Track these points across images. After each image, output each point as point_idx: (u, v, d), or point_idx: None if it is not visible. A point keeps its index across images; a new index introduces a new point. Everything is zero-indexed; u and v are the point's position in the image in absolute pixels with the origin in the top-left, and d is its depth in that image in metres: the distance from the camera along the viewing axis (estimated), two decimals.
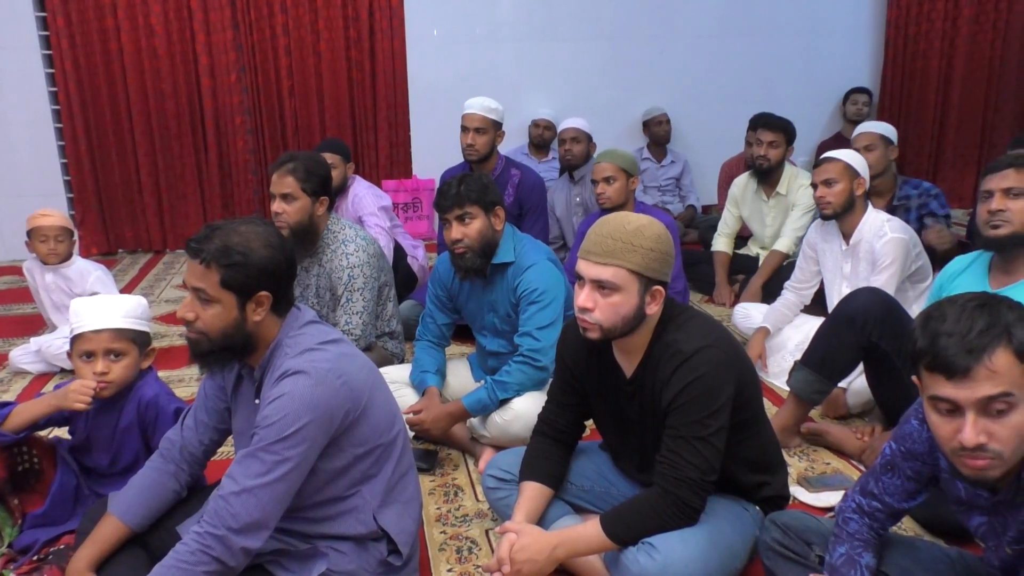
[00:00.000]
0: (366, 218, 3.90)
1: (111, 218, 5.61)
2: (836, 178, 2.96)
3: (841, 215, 2.99)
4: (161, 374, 3.40)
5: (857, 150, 3.43)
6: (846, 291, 2.94)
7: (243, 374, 1.76)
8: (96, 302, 2.08)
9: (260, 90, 5.56)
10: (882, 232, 2.89)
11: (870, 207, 3.02)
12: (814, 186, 3.05)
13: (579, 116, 4.64)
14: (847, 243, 3.03)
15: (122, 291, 4.26)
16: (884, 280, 2.81)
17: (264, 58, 5.51)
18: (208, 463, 1.91)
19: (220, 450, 1.97)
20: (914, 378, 1.38)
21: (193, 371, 3.43)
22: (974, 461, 1.31)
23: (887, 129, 3.58)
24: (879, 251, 2.87)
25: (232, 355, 1.68)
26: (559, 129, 4.53)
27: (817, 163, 3.08)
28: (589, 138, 4.44)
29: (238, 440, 1.79)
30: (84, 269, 3.45)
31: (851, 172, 2.97)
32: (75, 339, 2.04)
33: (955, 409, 1.31)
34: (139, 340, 2.06)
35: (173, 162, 5.53)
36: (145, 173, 5.50)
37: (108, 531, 1.75)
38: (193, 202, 5.63)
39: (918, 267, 2.95)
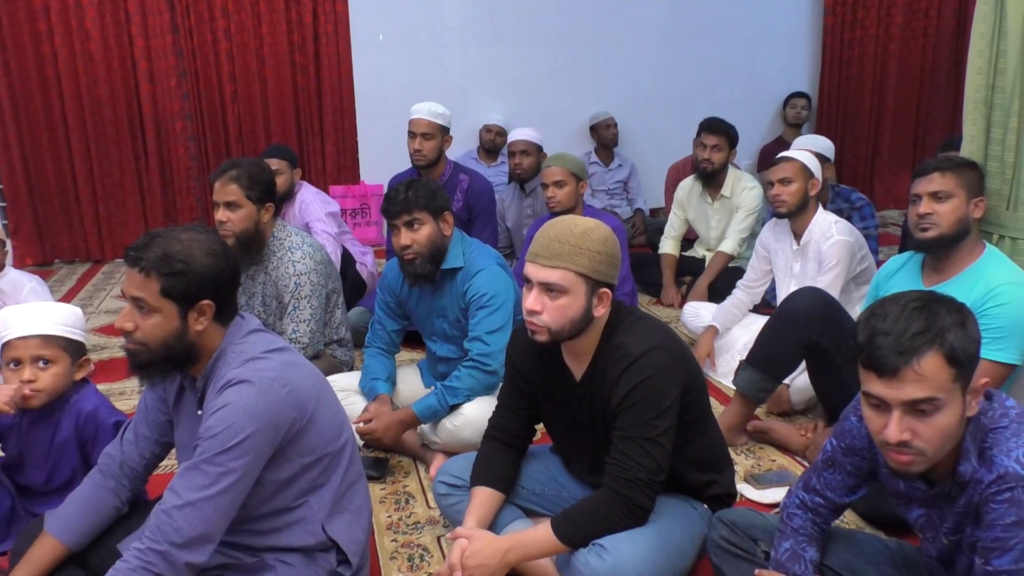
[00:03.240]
0: (313, 224, 3.85)
1: (46, 227, 5.43)
2: (792, 177, 3.01)
3: (794, 214, 3.05)
4: (101, 387, 3.30)
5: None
6: (794, 289, 3.00)
7: (185, 385, 1.72)
8: (24, 309, 2.01)
9: (202, 95, 5.45)
10: (829, 234, 2.96)
11: (820, 208, 3.09)
12: (770, 184, 3.07)
13: (527, 123, 4.63)
14: (798, 243, 3.09)
15: (59, 302, 4.13)
16: (829, 281, 2.87)
17: (205, 63, 5.40)
18: (150, 478, 1.86)
19: (163, 464, 1.92)
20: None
21: (134, 383, 3.34)
22: (898, 456, 1.36)
23: (823, 146, 3.58)
24: (825, 253, 2.94)
25: (173, 366, 1.64)
26: (508, 140, 4.46)
27: (773, 161, 3.11)
28: (539, 149, 4.35)
29: (181, 453, 1.75)
30: (17, 280, 3.33)
31: (806, 172, 3.03)
32: (4, 348, 1.97)
33: (884, 405, 1.35)
34: (70, 349, 2.00)
35: (111, 169, 5.38)
36: (82, 180, 5.35)
37: (44, 551, 1.70)
38: (133, 210, 5.48)
39: (862, 269, 3.02)
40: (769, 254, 3.26)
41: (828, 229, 2.98)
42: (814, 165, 3.07)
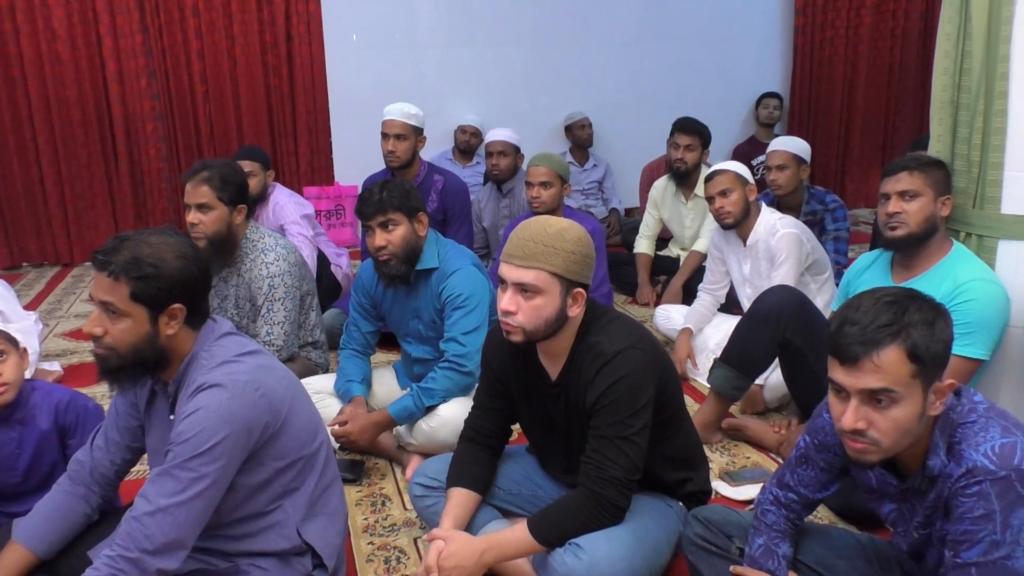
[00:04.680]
0: (288, 227, 3.82)
1: (14, 230, 5.33)
2: (730, 187, 3.04)
3: (740, 222, 3.08)
4: None
5: (770, 168, 3.54)
6: (748, 291, 3.04)
7: (156, 390, 1.69)
8: None
9: (173, 96, 5.39)
10: (775, 229, 3.00)
11: (763, 208, 3.13)
12: (710, 199, 3.10)
13: (502, 123, 4.62)
14: (744, 245, 3.13)
15: (27, 307, 4.07)
16: (783, 274, 2.92)
17: (176, 63, 5.34)
18: (121, 484, 1.84)
19: (134, 469, 1.89)
20: None
21: (103, 388, 3.29)
22: (853, 443, 1.40)
23: (800, 147, 3.62)
24: (774, 247, 2.98)
25: (144, 371, 1.61)
26: (486, 141, 4.44)
27: (708, 177, 3.14)
28: (516, 150, 4.33)
29: (153, 458, 1.73)
30: None
31: (741, 180, 3.06)
32: None
33: (845, 393, 1.38)
34: (12, 341, 1.97)
35: (80, 171, 5.30)
36: (50, 182, 5.26)
37: (12, 559, 1.67)
38: (103, 212, 5.41)
39: (815, 260, 3.07)
40: (723, 255, 3.30)
41: (773, 225, 3.02)
42: (745, 172, 3.12)
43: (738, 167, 3.13)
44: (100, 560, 1.48)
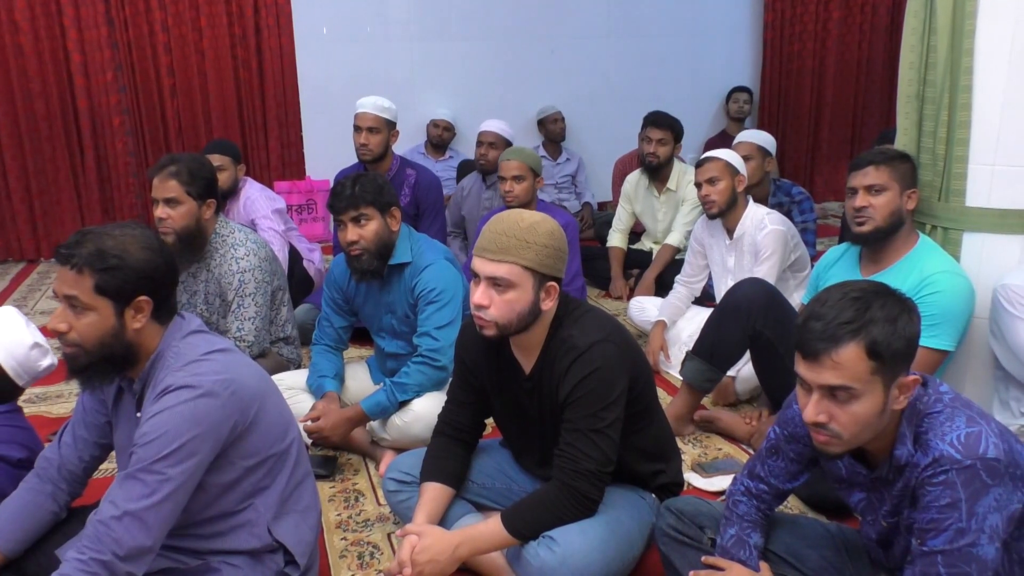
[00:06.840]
0: (259, 221, 3.78)
1: None
2: (719, 176, 3.05)
3: (725, 212, 3.10)
4: (37, 390, 3.23)
5: None
6: (730, 283, 3.06)
7: (123, 387, 1.67)
8: None
9: (139, 89, 5.30)
10: (763, 225, 3.02)
11: (751, 202, 3.15)
12: (698, 185, 3.12)
13: (474, 117, 4.62)
14: (731, 238, 3.15)
15: None
16: (766, 270, 2.94)
17: (142, 56, 5.25)
18: (90, 481, 1.81)
19: (102, 467, 1.87)
20: None
21: (71, 386, 3.24)
22: (817, 435, 1.43)
23: (766, 140, 3.67)
24: (760, 242, 3.00)
25: (112, 367, 1.58)
26: (480, 129, 4.41)
27: (698, 163, 3.16)
28: (507, 144, 4.25)
29: (120, 456, 1.70)
30: None
31: (731, 169, 3.08)
32: None
33: (808, 385, 1.41)
34: None
35: (45, 166, 5.20)
36: (14, 178, 5.15)
37: None
38: (69, 208, 5.31)
39: (797, 257, 3.10)
40: (704, 249, 3.32)
41: (761, 220, 3.04)
42: (738, 162, 3.13)
43: (730, 156, 3.12)
44: (70, 564, 1.44)
